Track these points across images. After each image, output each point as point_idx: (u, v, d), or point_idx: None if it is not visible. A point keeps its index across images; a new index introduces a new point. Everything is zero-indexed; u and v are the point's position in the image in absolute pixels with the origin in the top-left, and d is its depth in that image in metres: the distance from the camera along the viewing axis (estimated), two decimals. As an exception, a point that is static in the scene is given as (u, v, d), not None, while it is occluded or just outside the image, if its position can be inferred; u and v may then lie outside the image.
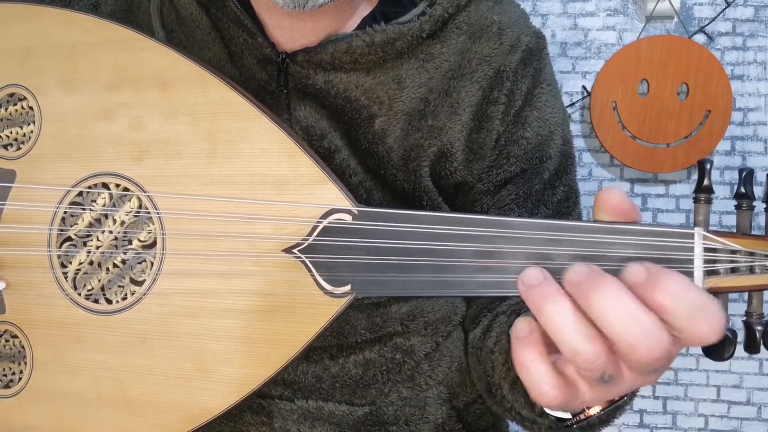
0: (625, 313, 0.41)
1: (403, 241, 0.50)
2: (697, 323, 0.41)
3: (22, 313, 0.61)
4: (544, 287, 0.43)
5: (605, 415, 0.57)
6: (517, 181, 0.73)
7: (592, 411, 0.52)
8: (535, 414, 0.60)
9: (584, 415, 0.53)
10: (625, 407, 0.59)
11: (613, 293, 0.41)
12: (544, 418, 0.60)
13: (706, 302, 0.41)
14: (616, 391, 0.45)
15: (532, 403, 0.60)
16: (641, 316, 0.41)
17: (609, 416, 0.58)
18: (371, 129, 0.69)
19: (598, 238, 0.46)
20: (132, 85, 0.59)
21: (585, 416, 0.53)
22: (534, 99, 0.73)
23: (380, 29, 0.65)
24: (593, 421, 0.57)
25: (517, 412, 0.64)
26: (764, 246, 0.44)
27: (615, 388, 0.45)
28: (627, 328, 0.40)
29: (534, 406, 0.59)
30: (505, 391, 0.64)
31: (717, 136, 1.94)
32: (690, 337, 0.41)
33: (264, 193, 0.55)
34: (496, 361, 0.65)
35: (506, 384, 0.64)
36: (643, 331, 0.40)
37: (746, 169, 0.46)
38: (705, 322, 0.41)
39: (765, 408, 2.03)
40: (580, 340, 0.42)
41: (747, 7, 1.98)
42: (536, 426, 0.63)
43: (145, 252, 0.58)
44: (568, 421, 0.54)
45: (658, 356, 0.41)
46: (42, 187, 0.60)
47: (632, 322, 0.40)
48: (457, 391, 0.78)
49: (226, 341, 0.56)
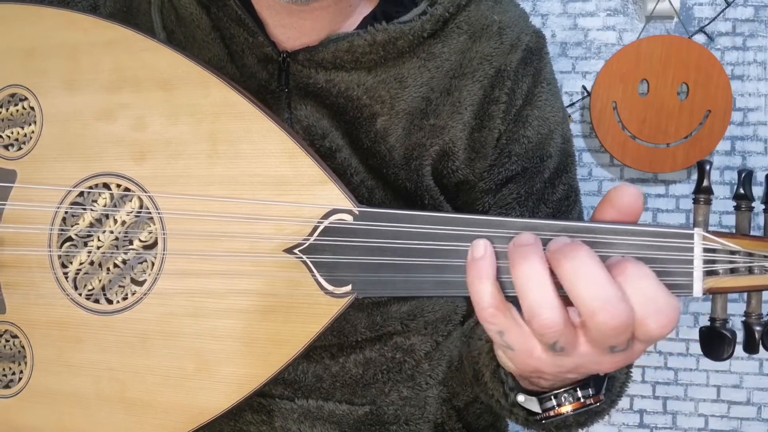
0: (590, 277, 0.42)
1: (403, 241, 0.50)
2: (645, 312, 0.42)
3: (23, 313, 0.61)
4: (526, 248, 0.45)
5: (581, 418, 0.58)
6: (518, 180, 0.73)
7: (563, 409, 0.53)
8: (509, 404, 0.61)
9: (554, 412, 0.54)
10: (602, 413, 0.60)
11: (584, 259, 0.43)
12: (518, 410, 0.60)
13: (657, 295, 0.43)
14: (566, 365, 0.47)
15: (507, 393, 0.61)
16: (606, 284, 0.42)
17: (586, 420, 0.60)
18: (373, 128, 0.69)
19: (597, 239, 0.46)
20: (133, 86, 0.59)
21: (555, 413, 0.54)
22: (534, 98, 0.73)
23: (382, 28, 0.66)
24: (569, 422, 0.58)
25: (497, 400, 0.65)
26: (763, 247, 0.44)
27: (567, 360, 0.46)
28: (590, 293, 0.42)
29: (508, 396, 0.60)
30: (487, 378, 0.65)
31: (717, 136, 1.94)
32: (641, 331, 0.43)
33: (265, 193, 0.55)
34: (482, 348, 0.66)
35: (488, 371, 0.64)
36: (605, 297, 0.42)
37: (745, 170, 0.46)
38: (652, 314, 0.42)
39: (765, 408, 2.03)
40: (542, 302, 0.43)
41: (747, 7, 1.98)
42: (513, 416, 0.63)
43: (146, 252, 0.58)
44: (538, 415, 0.55)
45: (615, 326, 0.42)
46: (43, 188, 0.60)
47: (596, 287, 0.42)
48: (457, 390, 0.78)
49: (227, 341, 0.56)
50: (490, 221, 0.48)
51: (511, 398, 0.59)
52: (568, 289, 0.43)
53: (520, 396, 0.57)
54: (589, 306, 0.42)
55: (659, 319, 0.42)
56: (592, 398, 0.53)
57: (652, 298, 0.43)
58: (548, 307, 0.43)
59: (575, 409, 0.53)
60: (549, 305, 0.43)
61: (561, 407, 0.54)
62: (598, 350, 0.45)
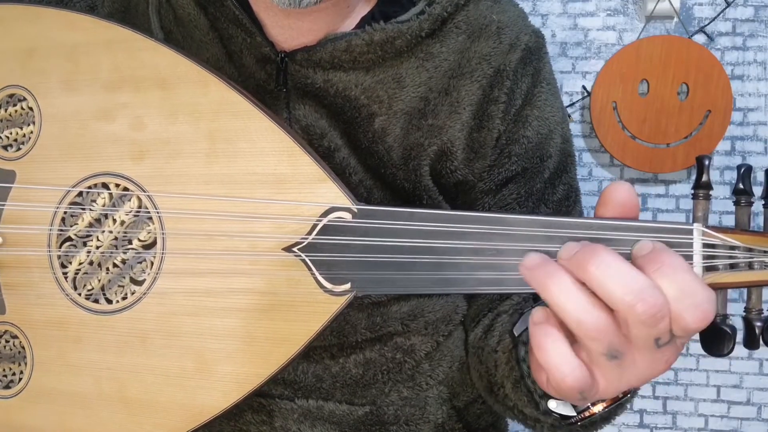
0: (619, 274, 0.42)
1: (402, 239, 0.50)
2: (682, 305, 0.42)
3: (22, 314, 0.61)
4: (544, 267, 0.44)
5: (607, 413, 0.57)
6: (518, 180, 0.73)
7: (595, 408, 0.52)
8: (539, 412, 0.60)
9: (588, 412, 0.53)
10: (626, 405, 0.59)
11: (606, 259, 0.42)
12: (547, 417, 0.60)
13: (696, 289, 0.42)
14: (627, 377, 0.46)
15: (536, 401, 0.60)
16: (635, 275, 0.42)
17: (610, 414, 0.59)
18: (371, 128, 0.69)
19: (596, 235, 0.46)
20: (132, 85, 0.59)
21: (589, 413, 0.53)
22: (534, 98, 0.73)
23: (379, 28, 0.66)
24: (595, 418, 0.57)
25: (520, 410, 0.64)
26: (763, 242, 0.44)
27: (625, 369, 0.45)
28: (623, 288, 0.42)
29: (538, 404, 0.60)
30: (508, 390, 0.64)
31: (717, 136, 1.94)
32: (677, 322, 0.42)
33: (264, 191, 0.55)
34: (499, 360, 0.65)
35: (509, 383, 0.64)
36: (639, 287, 0.41)
37: (744, 164, 0.46)
38: (690, 307, 0.42)
39: (765, 408, 2.03)
40: (583, 309, 0.43)
41: (747, 7, 1.98)
42: (539, 424, 0.63)
43: (145, 252, 0.58)
44: (573, 418, 0.54)
45: (654, 313, 0.41)
46: (42, 188, 0.60)
47: (627, 279, 0.42)
48: (458, 390, 0.78)
49: (227, 340, 0.56)
50: (488, 218, 0.48)
51: (542, 406, 0.58)
52: (599, 290, 0.42)
53: (552, 402, 0.56)
54: (625, 302, 0.42)
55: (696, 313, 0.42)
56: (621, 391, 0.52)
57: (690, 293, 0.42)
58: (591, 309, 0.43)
59: (607, 406, 0.52)
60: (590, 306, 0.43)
61: (594, 406, 0.53)
62: (646, 349, 0.44)
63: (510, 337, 0.65)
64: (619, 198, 0.46)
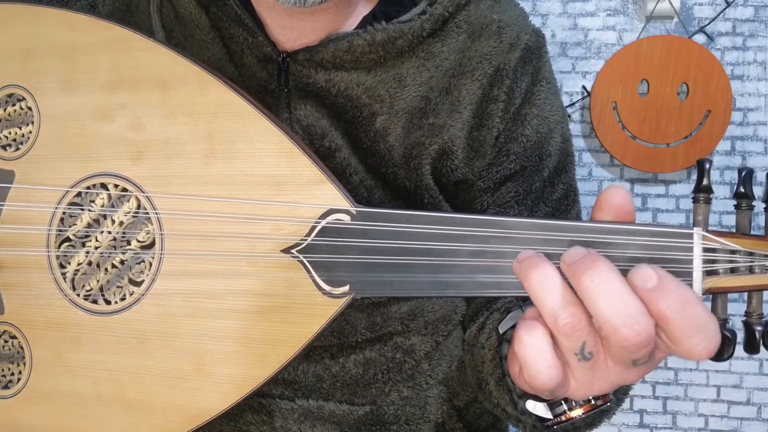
0: (611, 292, 0.41)
1: (401, 241, 0.50)
2: (693, 340, 0.41)
3: (21, 314, 0.61)
4: (533, 260, 0.44)
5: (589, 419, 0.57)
6: (517, 179, 0.73)
7: (573, 413, 0.52)
8: (518, 411, 0.60)
9: (565, 416, 0.53)
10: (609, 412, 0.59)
11: (603, 274, 0.42)
12: (527, 417, 0.60)
13: (708, 323, 0.42)
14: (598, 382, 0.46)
15: (515, 401, 0.60)
16: (627, 298, 0.41)
17: (594, 420, 0.59)
18: (372, 127, 0.69)
19: (595, 238, 0.46)
20: (131, 86, 0.59)
21: (566, 418, 0.53)
22: (533, 97, 0.73)
23: (381, 28, 0.66)
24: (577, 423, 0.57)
25: (503, 408, 0.64)
26: (764, 246, 0.44)
27: (597, 373, 0.45)
28: (612, 308, 0.41)
29: (516, 404, 0.60)
30: (492, 387, 0.64)
31: (717, 136, 1.94)
32: (682, 350, 0.42)
33: (263, 193, 0.55)
34: (485, 357, 0.66)
35: (492, 380, 0.64)
36: (627, 312, 0.41)
37: (745, 168, 0.46)
38: (701, 341, 0.41)
39: (765, 408, 2.03)
40: (560, 304, 0.43)
41: (747, 7, 1.98)
42: (521, 424, 0.63)
43: (144, 252, 0.58)
44: (549, 421, 0.54)
45: (638, 342, 0.41)
46: (41, 188, 0.60)
47: (618, 302, 0.41)
48: (458, 390, 0.78)
49: (225, 342, 0.56)
50: (487, 221, 0.48)
51: (520, 406, 0.58)
52: (587, 303, 0.42)
53: (530, 403, 0.56)
54: (611, 322, 0.41)
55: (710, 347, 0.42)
56: (601, 398, 0.52)
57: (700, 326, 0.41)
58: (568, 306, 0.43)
59: (586, 411, 0.52)
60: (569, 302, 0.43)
61: (572, 411, 0.52)
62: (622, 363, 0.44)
63: (497, 335, 0.65)
64: (614, 203, 0.46)
